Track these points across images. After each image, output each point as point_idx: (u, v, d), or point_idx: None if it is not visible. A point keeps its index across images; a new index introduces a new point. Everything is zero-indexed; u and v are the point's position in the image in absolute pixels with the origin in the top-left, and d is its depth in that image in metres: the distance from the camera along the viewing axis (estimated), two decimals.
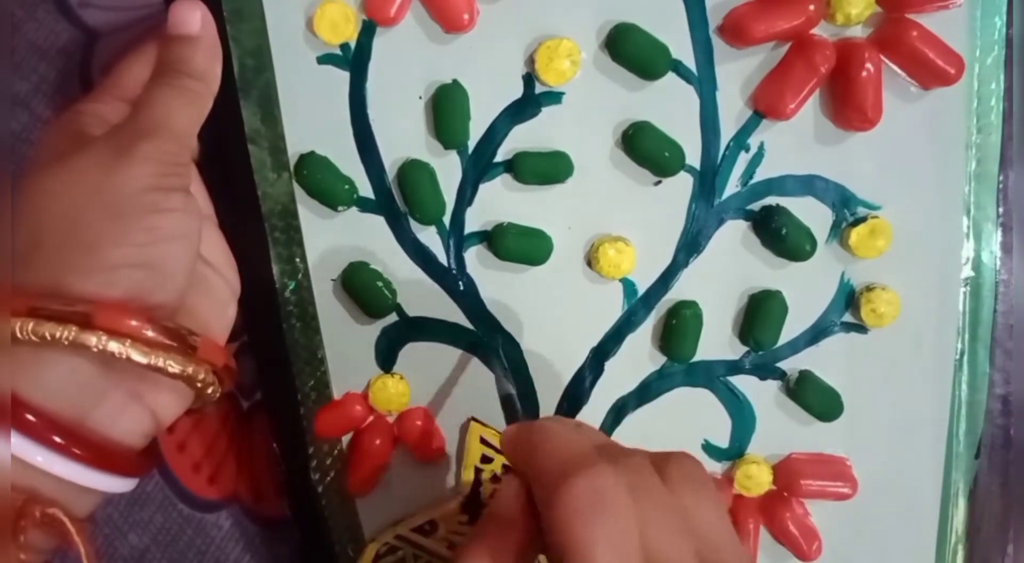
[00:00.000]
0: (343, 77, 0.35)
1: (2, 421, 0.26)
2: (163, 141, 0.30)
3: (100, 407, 0.29)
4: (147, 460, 0.32)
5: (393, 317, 0.38)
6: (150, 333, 0.28)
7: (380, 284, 0.37)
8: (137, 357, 0.28)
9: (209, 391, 0.31)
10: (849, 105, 0.34)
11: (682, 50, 0.34)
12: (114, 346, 0.27)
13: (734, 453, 0.39)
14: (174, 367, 0.29)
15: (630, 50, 0.34)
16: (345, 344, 0.38)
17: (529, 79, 0.35)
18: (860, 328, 0.37)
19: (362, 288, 0.37)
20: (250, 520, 0.44)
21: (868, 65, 0.33)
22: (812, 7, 0.33)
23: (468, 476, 0.39)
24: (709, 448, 0.39)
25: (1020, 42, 0.35)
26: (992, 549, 0.39)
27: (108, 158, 0.29)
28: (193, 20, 0.32)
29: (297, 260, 0.37)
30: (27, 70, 0.42)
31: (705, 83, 0.35)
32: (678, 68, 0.35)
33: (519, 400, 0.39)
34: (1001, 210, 0.36)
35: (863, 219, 0.36)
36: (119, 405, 0.30)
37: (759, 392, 0.38)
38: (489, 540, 0.25)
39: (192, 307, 0.32)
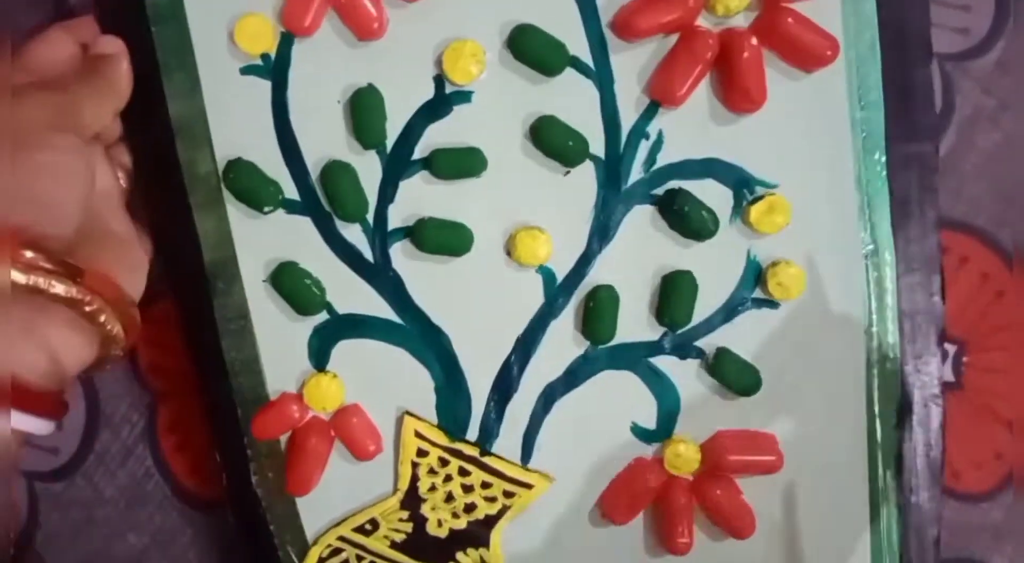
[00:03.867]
0: (265, 86, 0.38)
1: None
2: (53, 93, 0.32)
3: None
4: (54, 399, 0.32)
5: (324, 315, 0.39)
6: (29, 254, 0.29)
7: (309, 282, 0.39)
8: (17, 278, 0.28)
9: (103, 321, 0.31)
10: (735, 88, 0.36)
11: (579, 46, 0.37)
12: None
13: (662, 434, 0.40)
14: (56, 288, 0.29)
15: (530, 49, 0.37)
16: (279, 344, 0.40)
17: (439, 80, 0.37)
18: (771, 303, 0.39)
19: (292, 287, 0.39)
20: None
21: (747, 51, 0.36)
22: (691, 1, 0.36)
23: (405, 471, 0.40)
24: (637, 430, 0.40)
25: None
26: (924, 516, 0.40)
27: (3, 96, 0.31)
28: (111, 46, 0.35)
29: (228, 263, 0.39)
30: None
31: (603, 76, 0.37)
32: (576, 64, 0.37)
33: (452, 392, 0.40)
34: (890, 183, 0.38)
35: (761, 197, 0.38)
36: (9, 340, 0.30)
37: (681, 372, 0.39)
38: None
39: (93, 258, 0.33)
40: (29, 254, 0.29)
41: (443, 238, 0.38)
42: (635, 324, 0.39)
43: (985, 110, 0.41)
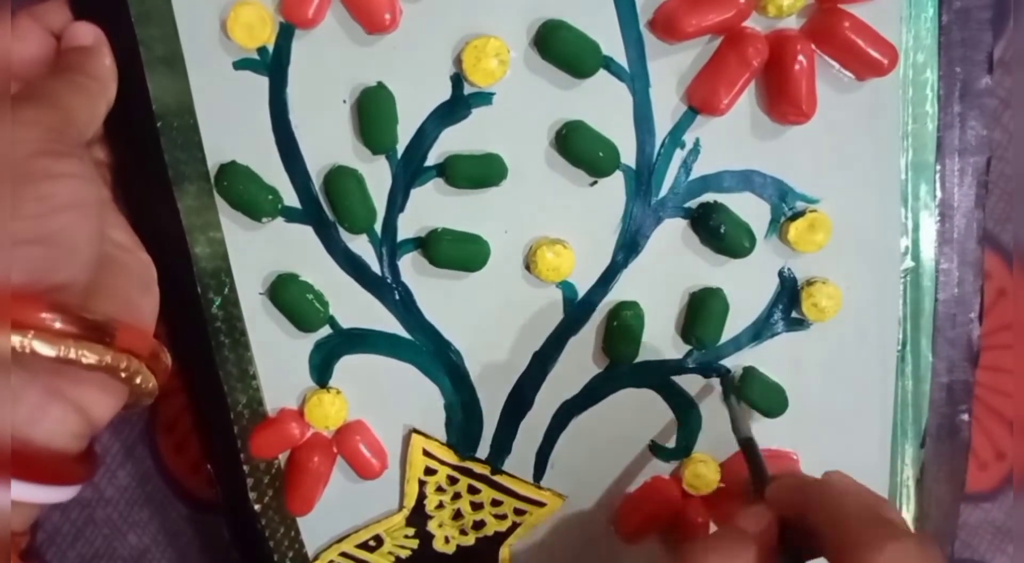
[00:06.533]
0: (262, 82, 0.34)
1: None
2: (45, 109, 0.28)
3: (14, 409, 0.27)
4: (83, 465, 0.29)
5: (326, 330, 0.36)
6: (58, 324, 0.25)
7: (311, 297, 0.36)
8: (43, 350, 0.25)
9: (138, 382, 0.28)
10: (783, 98, 0.33)
11: (613, 47, 0.33)
12: (15, 339, 0.24)
13: (681, 452, 0.38)
14: (89, 358, 0.26)
15: (560, 48, 0.33)
16: (277, 359, 0.37)
17: (457, 80, 0.34)
18: (803, 323, 0.37)
19: (292, 302, 0.36)
20: None
21: (801, 57, 0.32)
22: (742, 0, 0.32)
23: (412, 489, 0.38)
24: (656, 448, 0.38)
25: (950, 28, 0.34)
26: (941, 537, 0.39)
27: None
28: (87, 34, 0.31)
29: (222, 275, 0.35)
30: None
31: (638, 80, 0.34)
32: (610, 65, 0.34)
33: (462, 409, 0.38)
34: (938, 199, 0.36)
35: (801, 213, 0.35)
36: (36, 405, 0.27)
37: (705, 390, 0.38)
38: (727, 550, 0.27)
39: (110, 290, 0.30)
40: (56, 323, 0.25)
41: (457, 251, 0.35)
42: (660, 342, 0.37)
43: (986, 109, 0.39)
